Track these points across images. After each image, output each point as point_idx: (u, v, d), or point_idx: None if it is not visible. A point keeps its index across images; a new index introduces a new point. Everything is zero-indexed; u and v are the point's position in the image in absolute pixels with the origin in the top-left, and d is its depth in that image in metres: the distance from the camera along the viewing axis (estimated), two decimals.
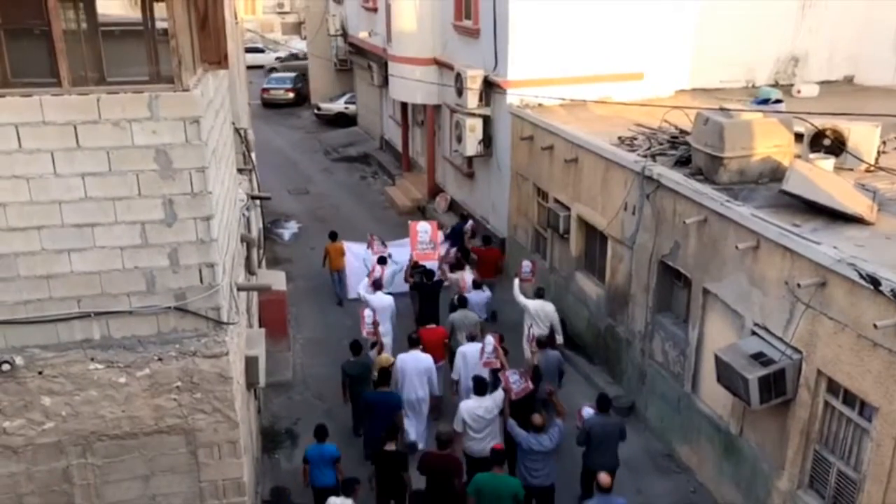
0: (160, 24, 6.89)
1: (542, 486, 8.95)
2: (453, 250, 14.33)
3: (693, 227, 9.92)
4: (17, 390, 6.90)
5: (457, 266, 14.03)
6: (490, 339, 10.74)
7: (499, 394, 9.72)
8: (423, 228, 14.89)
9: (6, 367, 6.71)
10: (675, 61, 16.49)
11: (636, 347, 11.72)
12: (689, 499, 10.11)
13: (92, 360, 6.95)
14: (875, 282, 7.12)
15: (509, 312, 13.52)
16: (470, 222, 16.58)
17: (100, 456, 7.33)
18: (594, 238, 13.14)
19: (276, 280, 12.59)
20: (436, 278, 13.45)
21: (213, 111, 7.41)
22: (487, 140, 16.90)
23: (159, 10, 6.78)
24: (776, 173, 9.93)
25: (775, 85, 17.22)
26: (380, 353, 11.27)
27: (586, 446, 9.45)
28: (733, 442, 9.57)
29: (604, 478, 8.15)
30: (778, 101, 14.21)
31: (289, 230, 20.12)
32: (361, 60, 27.96)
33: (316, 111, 32.72)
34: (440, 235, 15.56)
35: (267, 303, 12.51)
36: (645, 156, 11.48)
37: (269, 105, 35.22)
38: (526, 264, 13.53)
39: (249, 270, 10.37)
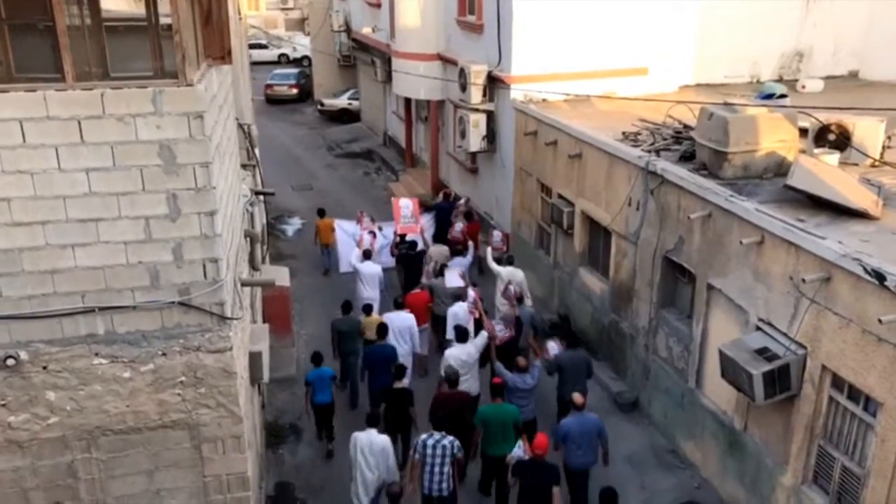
0: (164, 20, 6.88)
1: (526, 420, 9.95)
2: (459, 226, 15.10)
3: (697, 222, 9.90)
4: (22, 385, 6.92)
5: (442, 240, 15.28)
6: (471, 293, 12.00)
7: (479, 339, 10.80)
8: (405, 204, 15.75)
9: (11, 361, 6.73)
10: (679, 56, 16.45)
11: (640, 343, 11.71)
12: (694, 494, 10.10)
13: (96, 354, 6.97)
14: (880, 277, 7.10)
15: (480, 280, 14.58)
16: (463, 199, 17.01)
17: (104, 451, 7.35)
18: (598, 233, 13.12)
19: (280, 276, 12.59)
20: (419, 249, 14.61)
21: (216, 106, 7.41)
22: (491, 135, 16.89)
23: (163, 5, 6.78)
24: (781, 168, 9.91)
25: (780, 80, 17.17)
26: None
27: (559, 378, 10.67)
28: (737, 437, 9.56)
29: (577, 397, 9.32)
30: (782, 96, 14.13)
31: (292, 226, 20.15)
32: (365, 56, 27.94)
33: (319, 107, 32.70)
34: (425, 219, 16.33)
35: (270, 298, 12.51)
36: (649, 151, 11.45)
37: (273, 101, 35.20)
38: (497, 234, 14.87)
39: (253, 266, 10.37)
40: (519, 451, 8.95)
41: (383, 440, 8.90)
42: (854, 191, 8.81)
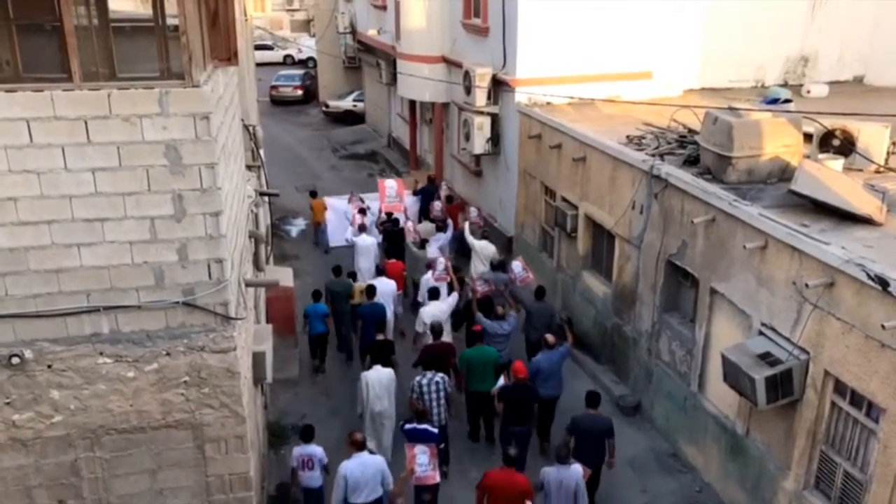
0: (171, 21, 6.91)
1: (502, 362, 11.25)
2: (438, 205, 16.92)
3: (701, 226, 9.90)
4: (27, 383, 6.95)
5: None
6: (441, 260, 13.60)
7: (451, 299, 12.62)
8: (390, 185, 17.51)
9: (16, 360, 6.76)
10: (683, 60, 16.45)
11: (643, 346, 11.71)
12: (695, 498, 10.10)
13: (100, 354, 6.99)
14: (883, 282, 7.10)
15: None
16: (443, 183, 19.17)
17: (108, 450, 7.37)
18: (601, 237, 13.13)
19: (284, 276, 12.62)
20: (401, 225, 16.16)
21: (222, 107, 7.44)
22: (495, 138, 16.91)
23: (170, 6, 6.81)
24: (785, 173, 9.91)
25: (785, 85, 17.15)
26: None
27: (526, 323, 12.46)
28: (739, 442, 9.56)
29: (549, 338, 10.79)
30: (787, 101, 14.14)
31: (296, 227, 20.20)
32: (370, 58, 27.98)
33: (324, 108, 32.75)
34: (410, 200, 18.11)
35: (274, 299, 12.54)
36: (653, 155, 11.46)
37: (278, 102, 35.26)
38: (473, 210, 16.64)
39: (257, 266, 10.40)
40: (501, 382, 10.64)
41: (388, 372, 10.39)
42: (858, 196, 8.81)
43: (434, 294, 12.57)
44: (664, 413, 11.24)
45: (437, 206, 16.86)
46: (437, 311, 12.12)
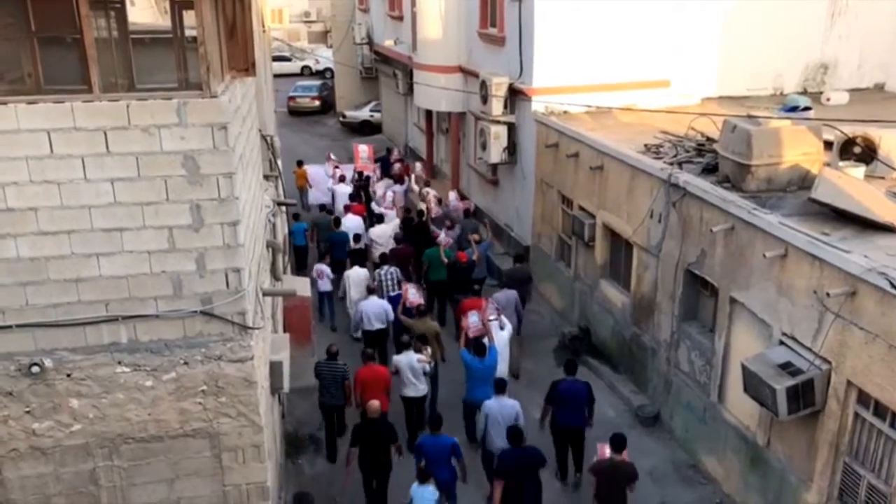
0: (189, 32, 6.98)
1: (451, 259, 14.99)
2: (398, 166, 21.59)
3: (720, 235, 9.82)
4: (46, 392, 6.99)
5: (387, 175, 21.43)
6: (389, 194, 18.39)
7: (394, 223, 16.77)
8: (363, 149, 21.68)
9: (36, 369, 6.81)
10: (701, 69, 16.38)
11: (662, 356, 11.62)
12: None
13: (119, 363, 7.03)
14: None
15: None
16: (395, 152, 23.53)
17: (126, 458, 7.40)
18: (619, 246, 13.06)
19: (301, 286, 12.64)
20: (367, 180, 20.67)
21: (240, 118, 7.48)
22: (512, 147, 16.90)
23: (188, 18, 6.87)
24: (805, 181, 9.82)
25: (804, 92, 16.98)
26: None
27: (460, 235, 16.09)
28: (760, 453, 9.44)
29: (475, 237, 15.28)
30: (807, 109, 14.00)
31: None
32: (387, 68, 28.09)
33: (341, 119, 32.89)
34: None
35: (291, 308, 12.53)
36: (671, 163, 11.40)
37: (296, 113, 35.45)
38: (418, 165, 21.72)
39: (275, 276, 10.43)
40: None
41: (364, 271, 14.55)
42: (880, 204, 8.71)
43: (380, 218, 17.38)
44: (683, 424, 11.13)
45: (397, 166, 21.62)
46: (381, 231, 16.50)
